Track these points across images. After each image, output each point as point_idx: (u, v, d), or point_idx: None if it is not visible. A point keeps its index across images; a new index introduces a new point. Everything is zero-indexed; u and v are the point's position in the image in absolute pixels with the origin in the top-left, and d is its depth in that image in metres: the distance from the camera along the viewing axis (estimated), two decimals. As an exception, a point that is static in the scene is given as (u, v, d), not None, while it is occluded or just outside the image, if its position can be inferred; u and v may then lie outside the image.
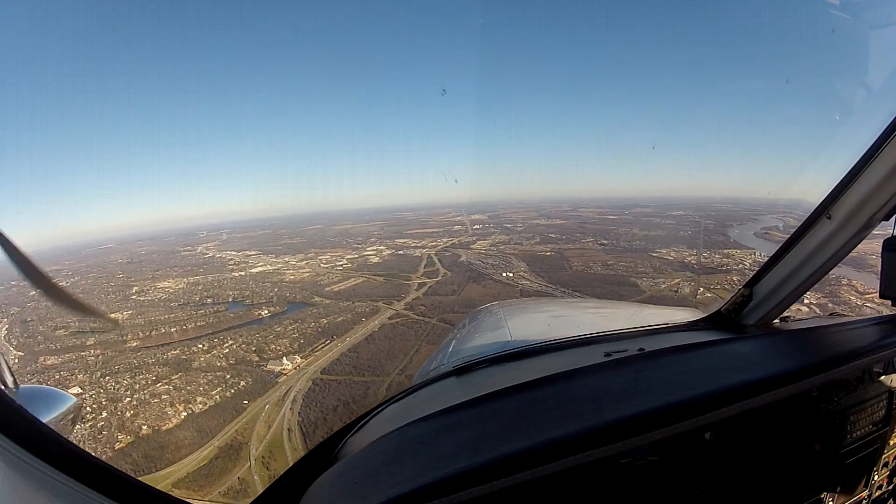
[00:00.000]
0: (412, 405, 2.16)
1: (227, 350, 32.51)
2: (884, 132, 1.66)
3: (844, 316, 2.59)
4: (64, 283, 43.23)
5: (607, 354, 2.08)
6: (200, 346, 33.26)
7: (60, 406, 1.45)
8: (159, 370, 30.81)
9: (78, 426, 1.65)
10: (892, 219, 1.87)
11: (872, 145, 1.72)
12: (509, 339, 2.95)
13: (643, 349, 2.06)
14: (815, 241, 2.03)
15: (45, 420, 1.29)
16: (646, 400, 1.35)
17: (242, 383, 28.43)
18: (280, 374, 29.48)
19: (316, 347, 32.58)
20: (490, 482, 1.08)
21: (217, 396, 27.66)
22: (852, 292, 22.55)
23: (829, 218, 1.94)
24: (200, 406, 26.91)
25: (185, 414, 26.31)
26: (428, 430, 1.41)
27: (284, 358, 30.51)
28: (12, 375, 1.36)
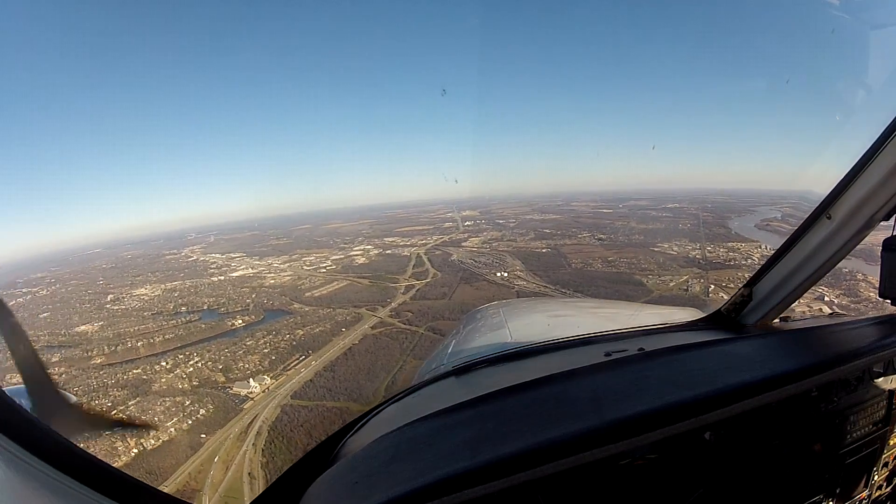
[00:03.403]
0: (412, 405, 2.13)
1: (191, 369, 29.34)
2: (884, 132, 1.65)
3: (844, 316, 2.55)
4: (45, 292, 41.16)
5: (607, 354, 2.05)
6: (164, 363, 29.92)
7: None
8: (117, 394, 27.31)
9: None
10: (892, 219, 1.84)
11: (872, 145, 1.70)
12: (509, 339, 2.86)
13: (643, 349, 2.02)
14: (815, 241, 2.01)
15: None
16: (646, 400, 1.34)
17: (202, 411, 24.77)
18: (246, 398, 25.78)
19: (288, 365, 29.20)
20: (490, 482, 1.07)
21: (172, 429, 24.04)
22: (870, 289, 20.77)
23: (829, 218, 1.92)
24: (153, 441, 23.13)
25: (135, 451, 22.52)
26: (428, 430, 1.40)
27: (252, 379, 26.67)
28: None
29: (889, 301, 1.92)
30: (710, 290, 30.61)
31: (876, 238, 1.92)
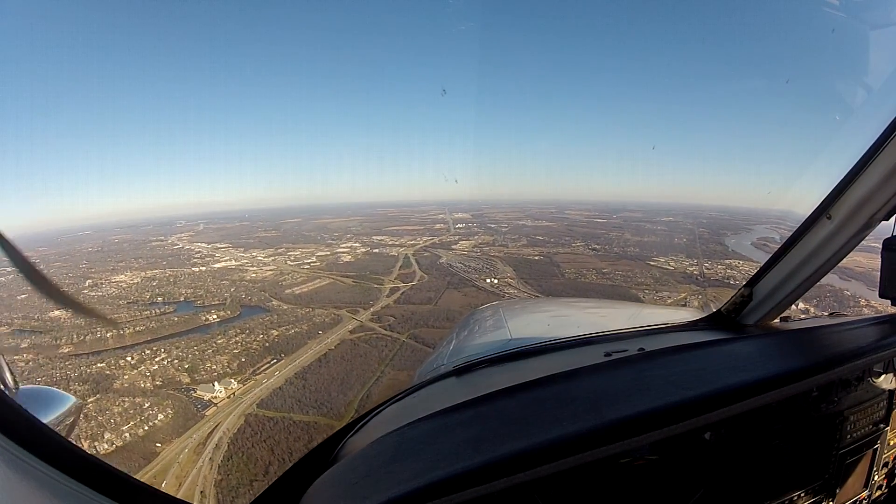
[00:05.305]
0: (412, 405, 2.08)
1: (156, 366, 27.55)
2: (884, 132, 1.64)
3: (844, 316, 2.51)
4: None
5: (607, 354, 2.01)
6: (130, 358, 28.17)
7: (60, 406, 1.40)
8: (77, 388, 25.41)
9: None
10: (892, 219, 1.82)
11: (872, 145, 1.68)
12: (509, 339, 2.82)
13: (643, 349, 2.00)
14: (815, 241, 1.97)
15: (45, 420, 1.27)
16: (646, 400, 1.32)
17: (161, 416, 23.32)
18: (209, 403, 24.49)
19: (258, 369, 27.82)
20: (490, 482, 1.05)
21: (127, 434, 22.40)
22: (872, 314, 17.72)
23: (829, 218, 1.88)
24: (106, 446, 21.52)
25: (86, 454, 19.15)
26: (428, 430, 1.38)
27: (218, 382, 25.03)
28: (13, 376, 1.31)
29: (889, 301, 1.91)
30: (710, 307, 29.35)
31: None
